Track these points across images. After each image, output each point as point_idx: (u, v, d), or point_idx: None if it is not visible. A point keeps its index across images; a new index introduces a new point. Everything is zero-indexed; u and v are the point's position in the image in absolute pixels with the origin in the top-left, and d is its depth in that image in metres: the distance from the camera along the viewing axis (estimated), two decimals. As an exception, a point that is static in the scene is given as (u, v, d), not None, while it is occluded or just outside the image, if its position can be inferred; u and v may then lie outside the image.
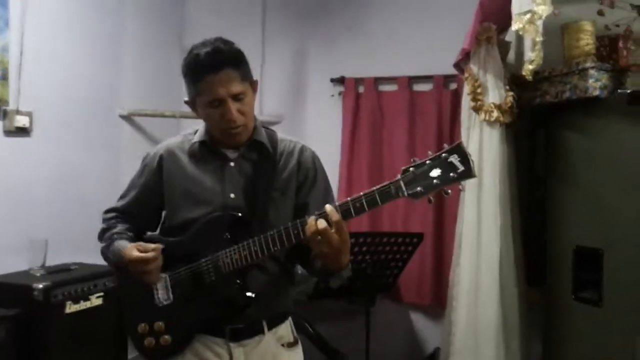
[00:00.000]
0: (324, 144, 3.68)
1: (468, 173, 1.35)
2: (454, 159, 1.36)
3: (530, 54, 2.10)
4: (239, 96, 1.57)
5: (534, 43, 2.05)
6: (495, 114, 2.53)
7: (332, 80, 3.62)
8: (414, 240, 2.92)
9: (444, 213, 3.29)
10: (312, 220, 1.42)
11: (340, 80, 3.60)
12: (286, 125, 3.66)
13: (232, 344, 1.60)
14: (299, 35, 3.74)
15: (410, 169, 1.39)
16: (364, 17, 3.58)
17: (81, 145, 3.10)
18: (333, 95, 3.64)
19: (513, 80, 2.65)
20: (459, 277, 2.59)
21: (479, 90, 2.57)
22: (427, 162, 1.38)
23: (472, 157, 1.37)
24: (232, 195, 1.64)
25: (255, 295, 1.59)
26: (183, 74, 1.63)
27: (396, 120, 3.45)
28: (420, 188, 1.37)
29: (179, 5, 3.86)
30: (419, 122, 3.41)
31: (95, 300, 2.64)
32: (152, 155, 1.75)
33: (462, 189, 1.41)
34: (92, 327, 2.61)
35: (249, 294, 1.59)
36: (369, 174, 3.44)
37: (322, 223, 1.40)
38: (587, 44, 2.41)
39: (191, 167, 1.68)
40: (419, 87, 3.45)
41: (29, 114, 2.79)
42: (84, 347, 2.56)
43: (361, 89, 3.56)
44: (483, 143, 2.58)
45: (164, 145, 1.75)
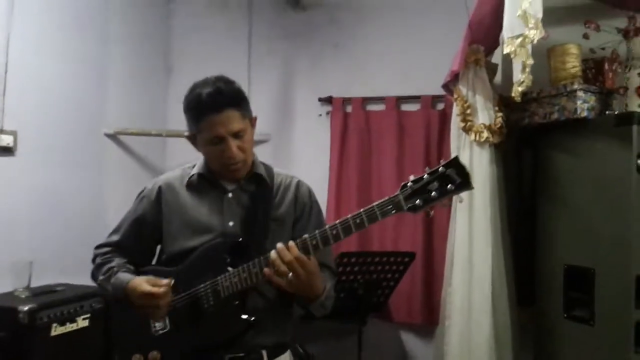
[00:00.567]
0: (312, 164, 3.75)
1: (466, 185, 1.39)
2: (451, 172, 1.39)
3: (520, 76, 2.14)
4: (239, 134, 1.60)
5: (525, 66, 2.09)
6: (485, 134, 2.56)
7: (319, 99, 3.63)
8: (406, 259, 2.92)
9: (433, 232, 3.31)
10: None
11: (328, 100, 3.61)
12: (274, 144, 3.67)
13: None
14: (285, 54, 3.76)
15: (409, 183, 1.42)
16: (352, 38, 3.61)
17: (66, 165, 3.04)
18: (321, 115, 3.65)
19: (501, 101, 2.69)
20: (452, 297, 2.59)
21: (468, 111, 2.60)
22: (425, 177, 1.41)
23: (469, 170, 1.40)
24: (230, 223, 1.66)
25: (254, 320, 1.58)
26: (184, 110, 1.65)
27: (384, 139, 3.47)
28: (419, 201, 1.40)
29: (164, 24, 3.86)
30: (407, 141, 3.43)
31: (82, 322, 2.58)
32: (151, 188, 1.76)
33: (460, 201, 1.45)
34: (79, 349, 2.55)
35: (246, 317, 1.58)
36: (358, 193, 3.45)
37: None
38: (573, 67, 2.47)
39: (190, 199, 1.70)
40: (406, 107, 3.48)
41: (13, 133, 2.74)
42: (70, 370, 2.49)
43: (349, 109, 3.58)
44: (473, 163, 2.60)
45: (163, 178, 1.77)
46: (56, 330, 2.45)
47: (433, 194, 1.39)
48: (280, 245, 1.49)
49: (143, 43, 3.67)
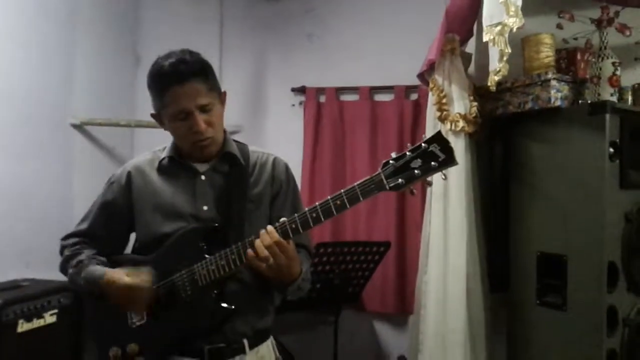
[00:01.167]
0: (285, 154, 3.59)
1: (450, 161, 1.34)
2: (434, 148, 1.34)
3: (497, 65, 2.14)
4: (206, 107, 1.53)
5: (502, 54, 2.10)
6: (460, 123, 2.56)
7: (292, 89, 3.60)
8: (381, 249, 2.92)
9: (406, 222, 3.32)
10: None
11: (301, 90, 3.58)
12: (246, 135, 3.60)
13: None
14: (258, 44, 3.71)
15: (390, 161, 1.37)
16: (325, 27, 3.59)
17: (30, 156, 2.92)
18: (294, 105, 3.62)
19: (475, 91, 2.70)
20: (427, 286, 2.60)
21: (444, 100, 2.60)
22: (407, 154, 1.36)
23: (452, 144, 1.35)
24: (204, 207, 1.60)
25: (234, 308, 1.54)
26: (148, 86, 1.58)
27: (358, 129, 3.46)
28: (401, 180, 1.35)
29: (133, 13, 3.75)
30: (381, 131, 3.43)
31: (49, 317, 2.49)
32: (119, 174, 1.68)
33: (444, 178, 1.39)
34: (47, 346, 2.45)
35: (226, 306, 1.54)
36: (332, 183, 3.43)
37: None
38: (547, 56, 2.49)
39: (161, 183, 1.63)
40: (380, 97, 3.48)
41: (-25, 124, 2.63)
42: (38, 368, 2.41)
43: (322, 99, 3.56)
44: (449, 152, 2.60)
45: (132, 163, 1.70)
46: (23, 326, 2.36)
47: (416, 171, 1.34)
48: (263, 230, 1.45)
49: (111, 31, 3.56)
